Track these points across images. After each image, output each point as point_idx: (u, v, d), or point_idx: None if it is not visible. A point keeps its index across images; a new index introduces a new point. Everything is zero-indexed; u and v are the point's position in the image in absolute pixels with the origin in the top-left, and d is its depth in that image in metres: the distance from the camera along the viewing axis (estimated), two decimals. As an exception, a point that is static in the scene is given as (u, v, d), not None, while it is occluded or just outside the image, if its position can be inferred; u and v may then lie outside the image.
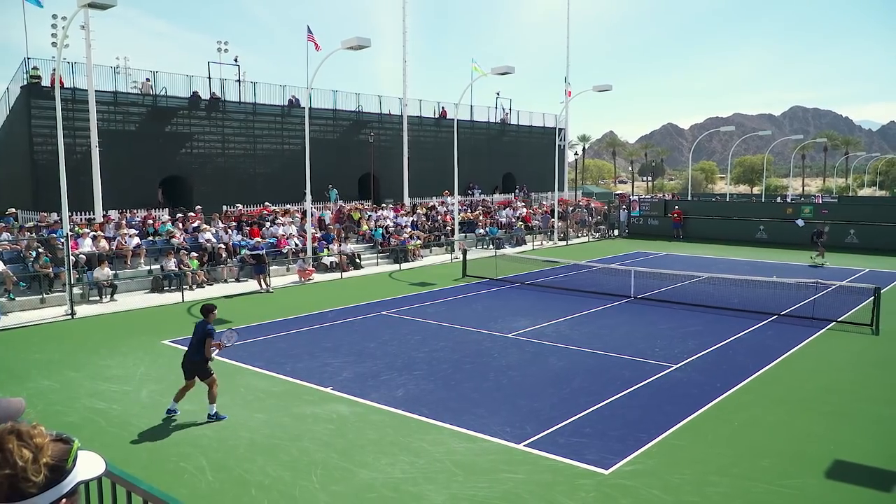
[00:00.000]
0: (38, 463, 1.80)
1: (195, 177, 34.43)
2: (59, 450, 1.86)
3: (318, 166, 30.65)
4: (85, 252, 21.78)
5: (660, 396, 11.61)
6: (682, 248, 34.79)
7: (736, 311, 18.42)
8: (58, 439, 1.89)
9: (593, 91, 35.50)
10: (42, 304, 19.85)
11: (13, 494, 1.76)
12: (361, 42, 22.83)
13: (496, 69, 29.98)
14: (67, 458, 1.87)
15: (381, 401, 11.38)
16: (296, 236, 28.06)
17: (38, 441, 1.83)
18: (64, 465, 1.86)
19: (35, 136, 29.24)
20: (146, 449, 9.49)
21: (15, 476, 1.76)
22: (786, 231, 35.52)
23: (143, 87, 33.17)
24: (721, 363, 13.60)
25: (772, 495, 7.99)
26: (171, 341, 15.58)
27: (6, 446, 1.78)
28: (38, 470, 1.79)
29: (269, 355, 14.31)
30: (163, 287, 22.47)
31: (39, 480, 1.79)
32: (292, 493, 8.12)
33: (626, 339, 15.55)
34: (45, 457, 1.82)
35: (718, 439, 9.70)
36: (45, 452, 1.82)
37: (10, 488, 1.76)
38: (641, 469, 8.68)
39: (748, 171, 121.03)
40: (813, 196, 76.47)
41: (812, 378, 12.71)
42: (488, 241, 35.07)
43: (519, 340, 15.54)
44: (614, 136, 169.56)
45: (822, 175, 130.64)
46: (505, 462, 8.92)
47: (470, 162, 44.11)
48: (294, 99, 38.45)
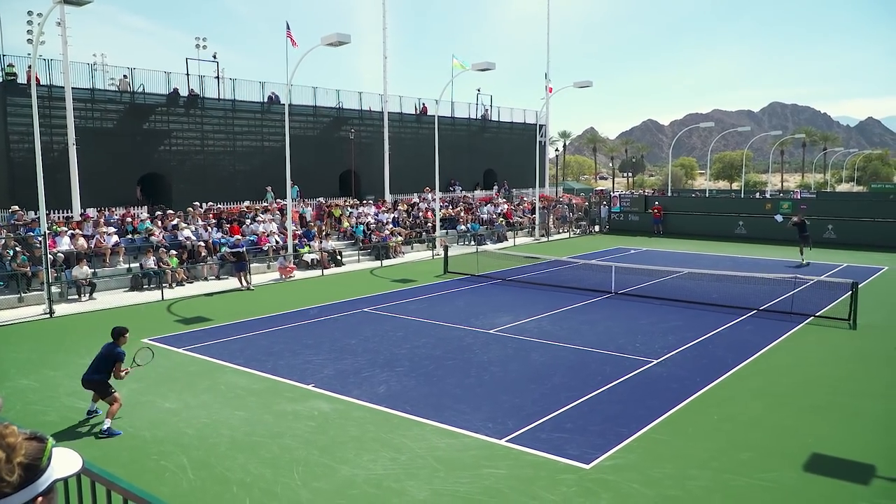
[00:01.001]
0: (12, 462, 1.79)
1: (174, 174, 34.14)
2: (33, 448, 1.86)
3: (298, 163, 30.54)
4: (63, 250, 21.57)
5: (640, 391, 11.69)
6: (662, 243, 35.02)
7: (715, 307, 18.59)
8: (31, 438, 1.89)
9: (574, 87, 35.62)
10: (20, 303, 19.62)
11: None
12: (341, 38, 22.74)
13: (477, 65, 30.00)
14: (42, 456, 1.87)
15: (362, 397, 11.38)
16: (276, 233, 27.93)
17: (11, 441, 1.82)
18: (38, 463, 1.85)
19: (11, 134, 28.85)
20: (126, 448, 9.42)
21: None
22: (765, 226, 35.83)
23: (120, 84, 32.82)
24: (701, 358, 13.72)
25: (751, 489, 8.08)
26: (150, 339, 15.45)
27: None
28: (12, 469, 1.79)
29: (250, 353, 14.25)
30: (142, 285, 22.29)
31: (14, 480, 1.78)
32: (274, 490, 8.10)
33: (606, 335, 15.65)
34: (19, 456, 1.81)
35: (698, 433, 9.79)
36: (19, 452, 1.82)
37: None
38: (622, 463, 8.74)
39: (727, 167, 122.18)
40: (791, 192, 77.28)
41: (790, 372, 12.86)
42: (470, 238, 35.13)
43: (500, 336, 15.58)
44: (595, 133, 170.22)
45: (800, 171, 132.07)
46: (486, 457, 8.95)
47: (451, 158, 44.12)
48: (274, 95, 38.22)
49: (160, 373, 12.93)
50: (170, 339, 15.55)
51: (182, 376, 12.70)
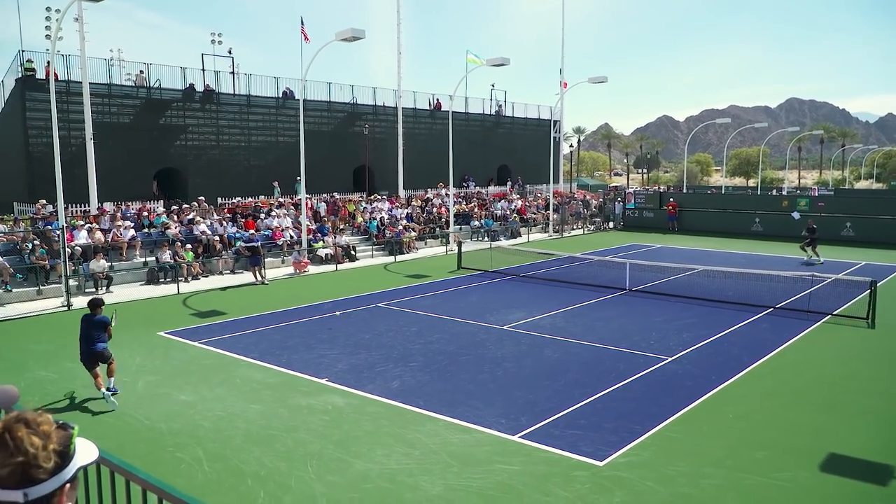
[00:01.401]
0: (48, 450, 1.84)
1: (190, 169, 34.38)
2: (62, 436, 1.91)
3: (312, 158, 30.63)
4: (81, 244, 21.76)
5: (654, 389, 11.66)
6: (677, 240, 34.85)
7: (731, 304, 18.48)
8: (58, 426, 1.93)
9: (588, 83, 35.51)
10: (39, 296, 19.83)
11: (24, 481, 1.80)
12: (356, 33, 22.74)
13: (491, 60, 29.94)
14: (70, 444, 1.92)
15: (376, 392, 11.41)
16: (291, 228, 28.04)
17: (46, 428, 1.87)
18: (68, 450, 1.90)
19: (30, 129, 29.14)
20: (143, 439, 9.51)
21: (27, 463, 1.81)
22: (781, 224, 35.58)
23: (137, 79, 33.06)
24: (716, 356, 13.65)
25: (766, 487, 8.05)
26: (167, 333, 15.58)
27: (16, 434, 1.82)
28: (49, 456, 1.84)
29: (265, 346, 14.33)
30: (158, 279, 22.45)
31: (50, 466, 1.84)
32: (288, 483, 8.15)
33: (620, 332, 15.60)
34: (53, 443, 1.86)
35: (713, 431, 9.75)
36: (52, 439, 1.87)
37: (22, 475, 1.80)
38: (636, 461, 8.72)
39: (744, 164, 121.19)
40: (809, 188, 76.63)
41: (807, 371, 12.78)
42: (483, 234, 35.10)
43: (514, 332, 15.58)
44: (609, 129, 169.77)
45: (818, 167, 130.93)
46: (500, 453, 8.96)
47: (465, 154, 44.11)
48: (288, 91, 38.35)
49: (176, 366, 13.03)
50: (185, 333, 15.66)
51: (197, 369, 12.79)
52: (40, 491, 1.83)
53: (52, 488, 1.85)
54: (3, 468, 1.81)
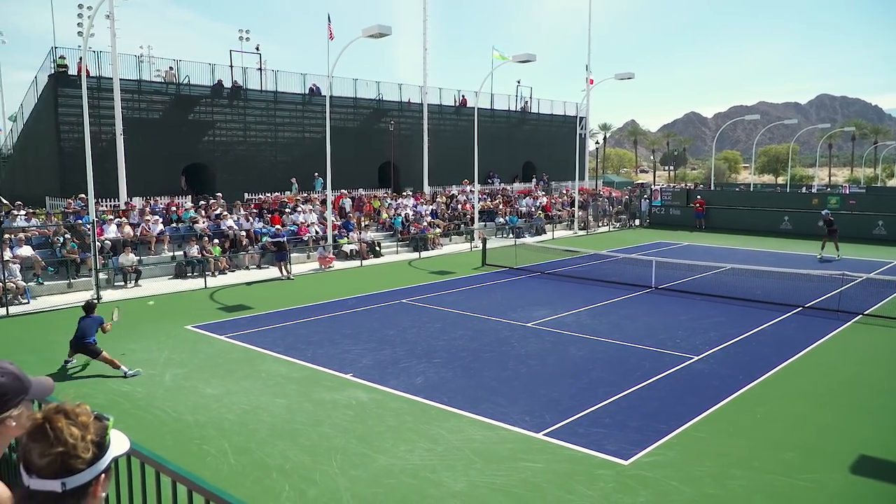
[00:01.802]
0: (86, 440, 1.89)
1: (217, 164, 34.68)
2: (99, 427, 1.95)
3: (338, 154, 30.75)
4: (110, 238, 22.06)
5: (680, 387, 11.57)
6: (704, 238, 34.52)
7: (759, 303, 18.27)
8: (95, 417, 1.97)
9: (615, 79, 35.24)
10: (69, 289, 20.14)
11: (63, 471, 1.85)
12: (382, 30, 22.77)
13: (517, 56, 29.82)
14: (106, 434, 1.96)
15: (400, 388, 11.45)
16: (316, 224, 28.20)
17: (84, 419, 1.92)
18: (104, 441, 1.94)
19: (62, 124, 29.58)
20: (170, 431, 9.63)
21: (66, 453, 1.85)
22: (811, 222, 35.00)
23: (166, 75, 33.41)
24: (743, 355, 13.50)
25: (794, 489, 7.95)
26: (194, 326, 15.76)
27: (56, 425, 1.86)
28: (87, 447, 1.88)
29: (290, 341, 14.44)
30: (186, 273, 22.71)
31: (88, 457, 1.88)
32: (312, 477, 8.21)
33: (646, 330, 15.49)
34: (91, 434, 1.90)
35: (740, 432, 9.65)
36: (90, 430, 1.91)
37: (61, 465, 1.85)
38: (661, 460, 8.66)
39: (773, 161, 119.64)
40: (840, 186, 75.47)
41: (836, 371, 12.59)
42: (508, 230, 35.04)
43: (538, 330, 15.53)
44: (636, 125, 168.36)
45: (849, 165, 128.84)
46: (523, 451, 8.94)
47: (490, 150, 44.01)
48: (315, 87, 38.52)
49: (202, 359, 13.18)
50: (212, 327, 15.82)
51: (224, 363, 12.92)
52: (78, 481, 1.87)
53: (89, 478, 1.89)
54: (43, 458, 1.85)
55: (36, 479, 1.85)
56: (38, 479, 1.85)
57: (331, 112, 27.79)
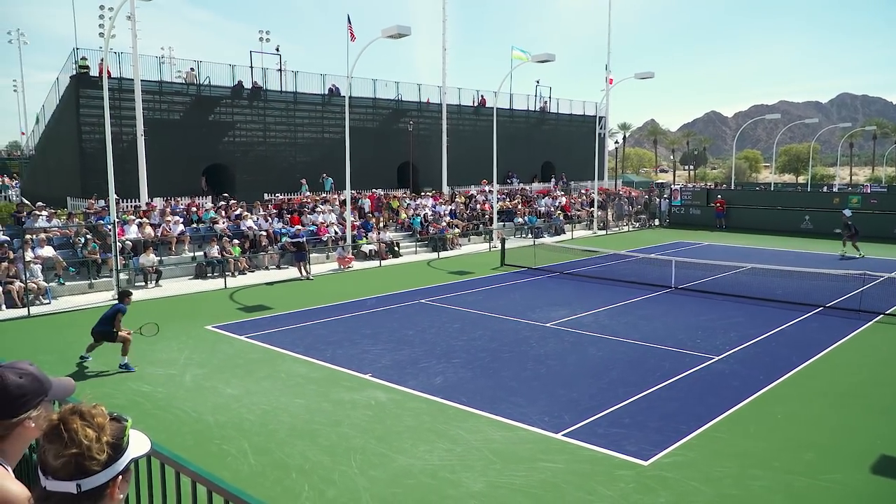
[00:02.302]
0: (101, 442, 1.88)
1: (237, 165, 34.91)
2: (116, 428, 1.95)
3: (357, 155, 30.84)
4: (131, 238, 22.26)
5: (700, 388, 11.49)
6: (724, 238, 34.24)
7: (779, 303, 18.10)
8: (113, 418, 1.97)
9: (634, 78, 35.01)
10: (90, 289, 20.35)
11: (77, 472, 1.85)
12: (401, 30, 22.80)
13: (537, 56, 29.76)
14: (123, 436, 1.95)
15: (419, 388, 11.46)
16: (336, 224, 28.29)
17: (100, 421, 1.91)
18: (121, 442, 1.94)
19: (83, 125, 29.90)
20: (190, 431, 9.70)
21: (81, 455, 1.84)
22: (832, 221, 34.62)
23: (187, 76, 33.70)
24: (763, 355, 13.38)
25: (815, 489, 7.87)
26: (214, 327, 15.87)
27: (71, 426, 1.86)
28: (102, 449, 1.88)
29: (310, 341, 14.49)
30: (206, 273, 22.86)
31: (103, 458, 1.87)
32: (332, 477, 8.23)
33: (665, 330, 15.40)
34: (106, 435, 1.90)
35: (760, 432, 9.57)
36: (106, 431, 1.91)
37: (76, 466, 1.85)
38: (682, 461, 8.61)
39: (794, 160, 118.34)
40: (861, 185, 74.53)
41: (857, 371, 12.45)
42: (527, 230, 34.96)
43: (557, 330, 15.49)
44: (655, 125, 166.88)
45: (870, 164, 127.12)
46: (542, 451, 8.92)
47: (509, 150, 43.91)
48: (334, 87, 38.66)
49: (222, 359, 13.26)
50: (232, 327, 15.92)
51: (243, 363, 13.00)
52: (93, 482, 1.87)
53: (104, 480, 1.89)
54: (58, 459, 1.85)
55: (52, 480, 1.85)
56: (53, 481, 1.85)
57: (350, 112, 27.88)
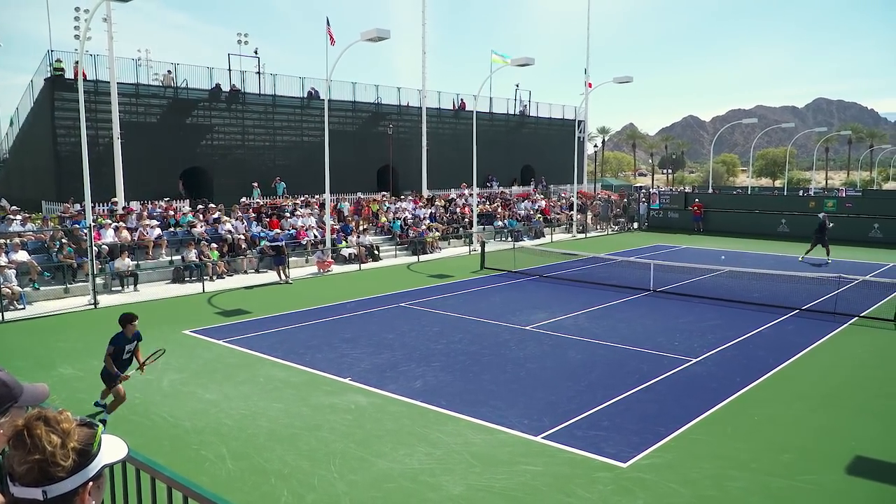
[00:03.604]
0: (67, 448, 1.85)
1: (215, 168, 34.68)
2: (85, 434, 1.91)
3: (337, 158, 30.76)
4: (107, 243, 22.02)
5: (678, 390, 11.56)
6: (702, 241, 34.52)
7: (756, 306, 18.28)
8: (82, 424, 1.94)
9: (613, 83, 35.30)
10: (66, 294, 20.10)
11: (42, 479, 1.81)
12: (381, 34, 22.79)
13: (516, 60, 29.86)
14: (93, 442, 1.92)
15: (399, 392, 11.43)
16: (315, 227, 28.19)
17: (65, 426, 1.88)
18: (90, 449, 1.91)
19: (58, 128, 29.57)
20: (167, 437, 9.61)
21: (45, 461, 1.81)
22: (808, 225, 34.99)
23: (164, 79, 33.42)
24: (741, 357, 13.51)
25: (792, 490, 7.95)
26: (192, 331, 15.73)
27: (35, 432, 1.83)
28: (67, 455, 1.84)
29: (289, 346, 14.41)
30: (183, 278, 22.66)
31: (68, 465, 1.84)
32: (311, 482, 8.19)
33: (644, 333, 15.49)
34: (73, 441, 1.87)
35: (738, 434, 9.65)
36: (73, 437, 1.87)
37: (39, 472, 1.81)
38: (660, 463, 8.66)
39: (770, 164, 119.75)
40: (836, 189, 75.54)
41: (833, 373, 12.60)
42: (507, 234, 35.03)
43: (537, 333, 15.53)
44: (634, 129, 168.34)
45: (846, 168, 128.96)
46: (522, 454, 8.93)
47: (489, 154, 44.05)
48: (313, 91, 38.56)
49: (200, 364, 13.15)
50: (210, 331, 15.79)
51: (222, 368, 12.90)
52: (60, 489, 1.83)
53: (72, 486, 1.85)
54: (22, 466, 1.82)
55: (18, 486, 1.82)
56: (20, 487, 1.82)
57: (329, 115, 27.81)
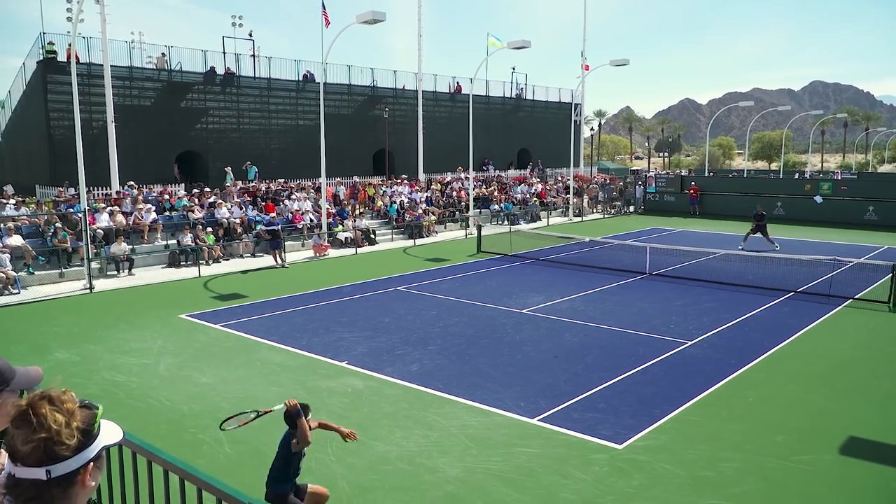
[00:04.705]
0: (71, 427, 1.85)
1: (210, 152, 34.51)
2: (86, 415, 1.92)
3: (332, 141, 30.65)
4: (102, 227, 21.96)
5: (674, 372, 11.61)
6: (698, 224, 34.57)
7: (752, 288, 18.34)
8: (82, 405, 1.94)
9: (610, 65, 35.13)
10: (61, 279, 20.06)
11: (47, 458, 1.81)
12: (376, 16, 22.62)
13: (512, 43, 29.71)
14: (94, 422, 1.93)
15: (395, 375, 11.46)
16: (311, 212, 28.13)
17: (69, 406, 1.88)
18: (92, 429, 1.91)
19: (51, 112, 29.34)
20: (165, 420, 9.63)
21: (50, 440, 1.81)
22: (804, 208, 35.22)
23: (157, 62, 33.16)
24: (736, 340, 13.57)
25: (786, 471, 8.00)
26: (188, 315, 15.73)
27: (40, 411, 1.83)
28: (72, 434, 1.85)
29: (285, 330, 14.42)
30: (179, 262, 22.63)
31: (73, 444, 1.84)
32: (308, 465, 8.19)
33: (640, 316, 15.53)
34: (76, 421, 1.87)
35: (733, 415, 9.71)
36: (76, 417, 1.88)
37: (44, 452, 1.81)
38: (655, 444, 8.71)
39: (766, 147, 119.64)
40: (832, 172, 75.60)
41: (827, 355, 12.66)
42: (503, 217, 35.01)
43: (533, 316, 15.56)
44: (631, 112, 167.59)
45: (841, 151, 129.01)
46: (519, 436, 8.97)
47: (485, 137, 43.89)
48: (309, 74, 38.32)
49: (197, 348, 13.16)
50: (207, 315, 15.79)
51: (218, 352, 12.91)
52: (63, 469, 1.84)
53: (75, 466, 1.86)
54: (26, 445, 1.82)
55: (20, 466, 1.82)
56: (22, 468, 1.82)
57: (325, 99, 27.66)
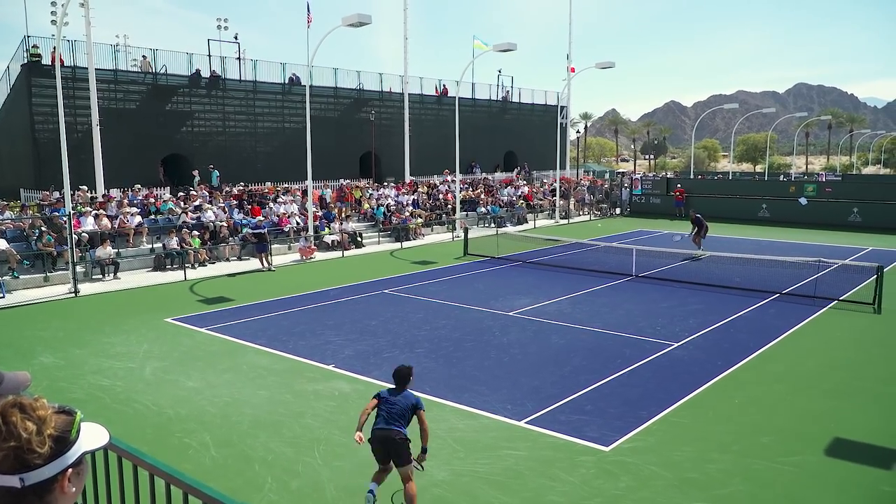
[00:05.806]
0: (43, 435, 1.82)
1: (196, 155, 34.34)
2: (63, 421, 1.89)
3: (319, 144, 30.57)
4: (87, 231, 21.80)
5: (661, 374, 11.66)
6: (684, 226, 34.68)
7: (738, 290, 18.44)
8: (60, 411, 1.91)
9: (596, 68, 35.25)
10: (46, 283, 19.90)
11: (19, 466, 1.79)
12: (362, 19, 22.61)
13: (498, 45, 29.77)
14: (71, 429, 1.89)
15: (382, 378, 11.41)
16: (297, 215, 28.05)
17: (41, 413, 1.85)
18: (68, 436, 1.88)
19: (36, 115, 29.14)
20: (150, 425, 9.57)
21: (20, 448, 1.78)
22: (789, 210, 35.47)
23: (142, 65, 32.99)
24: (722, 341, 13.64)
25: (772, 472, 8.05)
26: (174, 319, 15.64)
27: (10, 419, 1.80)
28: (43, 441, 1.81)
29: (272, 333, 14.37)
30: (165, 265, 22.50)
31: (44, 452, 1.81)
32: (295, 468, 8.19)
33: (627, 318, 15.59)
34: (49, 428, 1.84)
35: (719, 417, 9.76)
36: (49, 424, 1.85)
37: (15, 460, 1.78)
38: (642, 446, 8.74)
39: (751, 149, 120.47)
40: (816, 174, 76.22)
41: (813, 356, 12.75)
42: (490, 220, 35.05)
43: (520, 319, 15.58)
44: (616, 114, 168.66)
45: (826, 153, 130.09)
46: (506, 439, 8.98)
47: (471, 140, 43.92)
48: (295, 77, 38.24)
49: (183, 352, 13.08)
50: (192, 319, 15.71)
51: (204, 355, 12.84)
52: (38, 476, 1.80)
53: (50, 474, 1.83)
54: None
55: None
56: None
57: (311, 102, 27.59)
